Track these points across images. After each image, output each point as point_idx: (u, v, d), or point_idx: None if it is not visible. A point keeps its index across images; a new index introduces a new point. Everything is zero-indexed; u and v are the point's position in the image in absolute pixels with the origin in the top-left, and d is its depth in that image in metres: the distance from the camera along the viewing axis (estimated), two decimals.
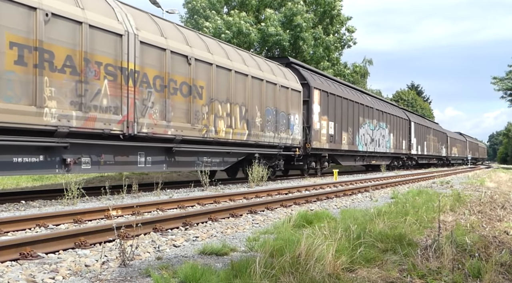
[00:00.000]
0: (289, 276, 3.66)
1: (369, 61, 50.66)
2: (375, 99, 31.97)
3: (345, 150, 24.03)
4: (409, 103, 67.09)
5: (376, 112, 29.74)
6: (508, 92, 56.07)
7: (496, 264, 4.18)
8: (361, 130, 26.73)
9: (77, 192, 9.13)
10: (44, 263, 4.43)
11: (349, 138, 24.65)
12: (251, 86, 15.81)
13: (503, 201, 10.58)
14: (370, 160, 29.15)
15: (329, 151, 22.15)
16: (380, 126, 30.48)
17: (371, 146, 28.36)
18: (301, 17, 31.35)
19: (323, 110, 21.30)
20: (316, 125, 20.64)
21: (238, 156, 15.36)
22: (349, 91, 26.58)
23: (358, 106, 26.47)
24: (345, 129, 24.04)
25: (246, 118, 15.57)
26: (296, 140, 18.90)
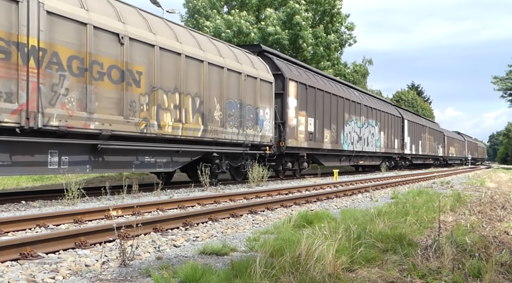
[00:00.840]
0: (289, 276, 3.66)
1: (369, 61, 50.68)
2: (364, 95, 29.69)
3: (327, 149, 22.09)
4: (410, 104, 67.08)
5: (364, 108, 27.48)
6: (508, 92, 56.04)
7: (496, 264, 4.18)
8: (347, 127, 24.62)
9: (77, 192, 9.13)
10: (44, 263, 4.43)
11: (332, 136, 22.59)
12: (207, 74, 13.63)
13: (503, 201, 10.57)
14: (357, 160, 27.08)
15: (308, 151, 20.17)
16: (369, 124, 28.21)
17: (358, 145, 26.18)
18: (300, 16, 31.38)
19: (300, 105, 19.17)
20: (292, 121, 18.58)
21: (192, 156, 13.34)
22: (333, 84, 24.35)
23: (343, 101, 24.15)
24: (327, 126, 22.00)
25: (201, 111, 13.44)
26: (266, 137, 16.88)
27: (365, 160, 28.46)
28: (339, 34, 36.28)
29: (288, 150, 18.31)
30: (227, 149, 14.86)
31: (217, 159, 14.42)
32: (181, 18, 35.65)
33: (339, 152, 23.74)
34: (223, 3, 34.76)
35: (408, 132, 36.67)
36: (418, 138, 39.88)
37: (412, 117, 40.12)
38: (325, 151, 21.98)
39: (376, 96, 34.66)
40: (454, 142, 60.27)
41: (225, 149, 14.75)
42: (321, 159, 22.00)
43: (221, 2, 34.25)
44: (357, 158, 26.86)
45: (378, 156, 30.59)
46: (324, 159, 22.45)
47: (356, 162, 26.98)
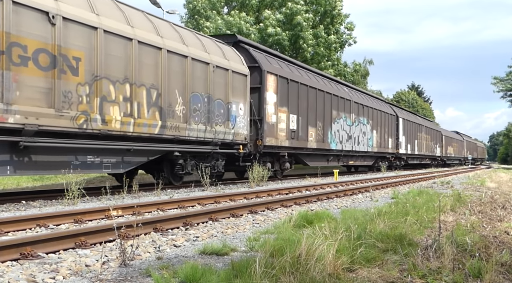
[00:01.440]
0: (289, 276, 3.66)
1: (370, 61, 50.67)
2: (354, 91, 28.07)
3: (312, 149, 20.48)
4: (410, 104, 67.07)
5: (354, 106, 25.84)
6: (508, 92, 56.01)
7: (496, 264, 4.18)
8: (335, 125, 23.02)
9: (77, 192, 9.14)
10: (44, 263, 4.43)
11: (318, 134, 20.98)
12: (166, 63, 12.10)
13: (503, 201, 10.57)
14: (347, 161, 25.46)
15: (290, 150, 18.68)
16: (360, 122, 26.62)
17: (348, 144, 24.62)
18: (302, 17, 31.41)
19: (281, 100, 17.71)
20: (271, 118, 17.08)
21: (148, 155, 11.88)
22: (320, 79, 22.78)
23: (331, 98, 22.50)
24: (312, 123, 20.38)
25: (159, 105, 11.89)
26: (240, 135, 15.39)
27: (355, 160, 26.87)
28: (339, 34, 36.31)
29: (267, 149, 16.89)
30: (192, 147, 13.38)
31: (181, 159, 13.13)
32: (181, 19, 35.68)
33: (326, 152, 22.22)
34: (223, 4, 34.79)
35: (403, 131, 35.07)
36: (414, 138, 38.36)
37: (408, 116, 38.57)
38: (310, 150, 20.40)
39: (368, 93, 32.89)
40: (453, 142, 58.72)
41: (190, 148, 13.25)
42: (305, 159, 20.32)
43: (221, 3, 34.29)
44: (347, 158, 25.32)
45: (370, 156, 29.07)
46: (309, 159, 20.82)
47: (346, 162, 25.50)
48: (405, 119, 35.84)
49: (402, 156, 35.23)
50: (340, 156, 24.06)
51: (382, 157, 31.53)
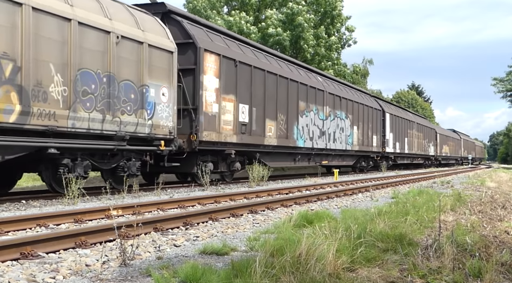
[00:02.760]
0: (289, 275, 3.66)
1: (369, 61, 50.63)
2: (331, 81, 24.68)
3: (272, 146, 17.38)
4: (410, 104, 67.06)
5: (329, 97, 22.51)
6: (508, 92, 56.00)
7: (496, 264, 4.18)
8: (303, 119, 19.78)
9: (77, 191, 9.13)
10: (44, 262, 4.43)
11: (280, 129, 17.87)
12: (31, 25, 8.88)
13: (503, 201, 10.57)
14: (320, 160, 22.20)
15: (241, 147, 15.50)
16: (337, 116, 23.38)
17: (320, 141, 21.44)
18: (303, 17, 31.44)
19: (226, 87, 14.55)
20: (211, 108, 13.88)
21: (3, 153, 8.65)
22: (284, 65, 19.46)
23: (297, 87, 19.25)
24: (271, 116, 17.27)
25: (18, 82, 8.68)
26: (162, 128, 12.10)
27: (331, 160, 23.49)
28: (340, 35, 36.34)
29: (205, 145, 13.73)
30: (81, 143, 10.15)
31: (66, 159, 9.90)
32: None
33: (291, 150, 19.09)
34: (223, 3, 34.80)
35: (390, 128, 31.67)
36: (403, 135, 35.13)
37: (396, 111, 35.29)
38: (269, 148, 17.31)
39: (349, 84, 29.32)
40: (448, 141, 55.32)
41: (77, 144, 10.04)
42: (264, 159, 16.94)
43: (221, 3, 34.29)
44: (320, 157, 22.12)
45: (350, 155, 25.84)
46: (269, 159, 17.53)
47: (318, 161, 22.17)
48: (393, 115, 32.68)
49: (390, 155, 32.05)
50: (311, 155, 20.94)
51: (365, 157, 28.35)
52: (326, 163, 23.02)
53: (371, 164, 29.62)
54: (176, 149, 12.74)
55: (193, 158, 13.71)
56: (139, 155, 11.91)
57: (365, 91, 32.30)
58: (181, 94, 13.23)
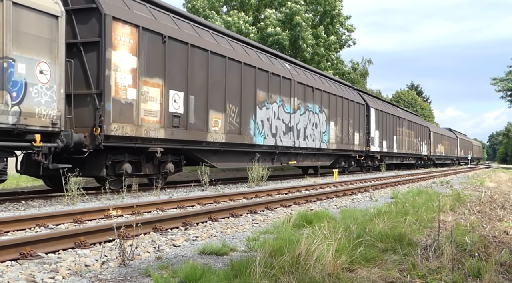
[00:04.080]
0: (289, 275, 3.66)
1: (369, 61, 50.64)
2: (302, 69, 21.34)
3: (220, 143, 14.34)
4: (409, 103, 67.10)
5: (299, 87, 19.36)
6: (509, 92, 56.05)
7: (496, 264, 4.18)
8: (263, 112, 16.70)
9: (77, 192, 9.13)
10: (44, 263, 4.43)
11: (230, 123, 14.89)
12: None
13: (503, 201, 10.58)
14: (286, 160, 18.95)
15: (172, 144, 12.45)
16: (308, 109, 20.20)
17: (286, 138, 18.27)
18: (301, 17, 31.47)
19: (149, 68, 11.54)
20: (125, 94, 10.87)
21: None
22: (236, 45, 16.11)
23: (255, 73, 16.16)
24: (217, 107, 14.23)
25: None
26: (39, 117, 9.08)
27: (302, 160, 20.29)
28: (339, 35, 36.37)
29: (115, 141, 10.68)
30: None
31: None
32: None
33: (247, 148, 15.94)
34: (222, 3, 34.82)
35: (376, 124, 28.58)
36: (392, 133, 31.96)
37: (384, 106, 31.99)
38: (216, 145, 14.23)
39: (327, 74, 25.80)
40: (443, 139, 51.82)
41: None
42: (208, 158, 14.05)
43: (220, 3, 34.31)
44: (287, 156, 18.96)
45: (326, 154, 22.62)
46: (216, 158, 14.59)
47: (285, 162, 18.86)
48: (379, 110, 29.51)
49: (375, 155, 29.03)
50: (274, 154, 17.78)
51: (345, 156, 25.28)
52: (295, 163, 19.55)
53: (353, 164, 26.60)
54: (63, 145, 9.59)
55: (101, 158, 10.85)
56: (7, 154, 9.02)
57: (347, 83, 28.63)
58: (82, 75, 10.44)
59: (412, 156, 38.77)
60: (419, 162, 42.09)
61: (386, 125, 30.66)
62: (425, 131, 43.07)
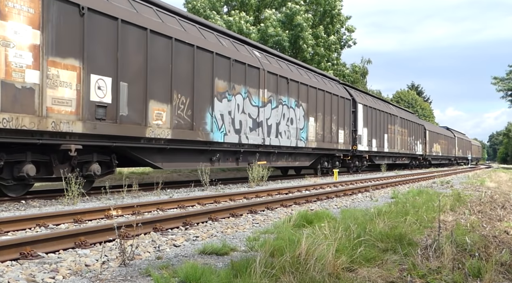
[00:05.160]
0: (289, 275, 3.66)
1: (368, 61, 50.67)
2: (275, 58, 19.00)
3: (166, 140, 12.10)
4: (409, 104, 67.11)
5: (270, 78, 17.16)
6: (509, 92, 56.05)
7: (496, 264, 4.18)
8: (222, 104, 14.47)
9: (77, 192, 9.13)
10: (44, 262, 4.43)
11: (179, 116, 12.58)
12: None
13: (503, 201, 10.58)
14: (255, 160, 16.32)
15: (96, 140, 10.26)
16: (282, 103, 18.05)
17: (254, 135, 16.06)
18: (301, 17, 31.49)
19: (60, 46, 9.43)
20: (22, 76, 8.75)
21: None
22: (189, 26, 13.60)
23: (213, 59, 13.94)
24: (161, 97, 11.90)
25: None
26: None
27: (275, 160, 17.97)
28: (339, 35, 36.39)
29: (7, 136, 8.66)
30: None
31: None
32: None
33: (203, 146, 13.68)
34: (223, 3, 34.85)
35: (364, 122, 26.69)
36: (382, 131, 29.98)
37: (373, 102, 29.72)
38: (160, 142, 11.97)
39: (306, 66, 23.20)
40: (440, 139, 49.62)
41: None
42: (151, 158, 12.01)
43: (221, 3, 34.33)
44: (256, 155, 16.47)
45: (304, 153, 20.35)
46: (161, 158, 12.39)
47: (252, 162, 16.21)
48: (367, 106, 27.50)
49: (363, 154, 27.08)
50: (238, 153, 15.57)
51: (328, 156, 23.17)
52: (265, 163, 16.79)
53: (338, 164, 24.47)
54: None
55: None
56: None
57: (331, 76, 26.40)
58: None
59: (406, 156, 36.94)
60: (413, 162, 40.40)
61: (375, 123, 28.83)
62: (420, 129, 41.30)
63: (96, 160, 10.77)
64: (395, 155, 33.55)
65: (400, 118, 34.84)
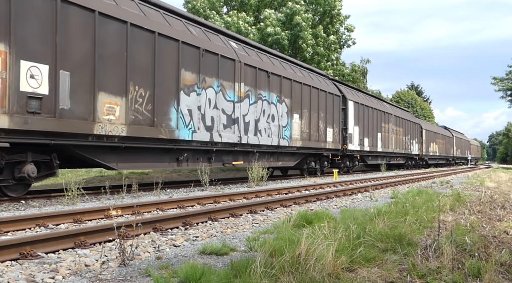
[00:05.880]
0: (289, 275, 3.66)
1: (367, 60, 50.65)
2: (255, 50, 17.51)
3: (120, 138, 10.64)
4: (409, 103, 67.14)
5: (247, 71, 15.81)
6: (508, 92, 56.08)
7: (496, 264, 4.18)
8: (190, 98, 12.98)
9: (77, 191, 9.13)
10: (44, 262, 4.43)
11: (137, 111, 11.13)
12: None
13: (503, 201, 10.58)
14: (230, 159, 15.28)
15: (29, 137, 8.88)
16: (262, 98, 16.68)
17: (228, 133, 14.67)
18: (301, 17, 31.51)
19: None
20: None
21: None
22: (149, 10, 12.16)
23: (179, 48, 12.46)
24: (112, 89, 10.45)
25: None
26: None
27: (254, 159, 16.31)
28: (339, 35, 36.42)
29: None
30: None
31: None
32: None
33: (166, 144, 12.23)
34: (223, 3, 34.86)
35: (355, 119, 25.42)
36: (375, 129, 28.67)
37: (365, 99, 28.21)
38: (113, 140, 10.53)
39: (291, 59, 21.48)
40: (437, 138, 48.00)
41: None
42: (102, 157, 10.64)
43: (221, 3, 34.34)
44: (232, 155, 15.32)
45: (288, 152, 18.84)
46: (117, 157, 10.97)
47: (228, 162, 15.22)
48: (359, 103, 26.07)
49: (354, 154, 25.74)
50: (211, 153, 14.05)
51: (315, 155, 21.77)
52: (242, 163, 15.83)
53: (326, 165, 23.03)
54: None
55: None
56: None
57: (319, 71, 24.58)
58: None
59: (401, 156, 35.32)
60: (409, 162, 38.91)
61: (368, 121, 27.47)
62: (416, 128, 39.63)
63: (31, 160, 9.39)
64: (389, 155, 32.15)
65: (395, 117, 33.46)
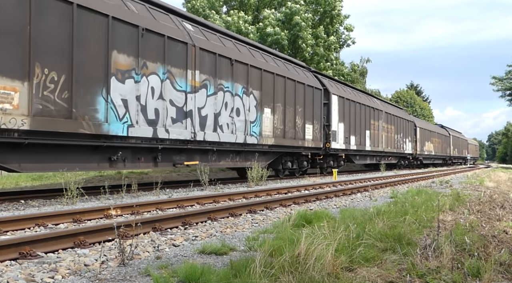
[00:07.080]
0: (288, 275, 3.66)
1: (367, 60, 50.68)
2: (217, 35, 15.23)
3: (23, 132, 8.63)
4: (409, 103, 67.17)
5: (206, 57, 13.68)
6: (508, 92, 56.09)
7: (495, 264, 4.18)
8: (126, 86, 10.88)
9: (76, 191, 9.13)
10: (43, 262, 4.43)
11: (47, 98, 9.04)
12: None
13: (502, 200, 10.59)
14: (182, 159, 13.22)
15: None
16: (224, 89, 14.50)
17: (179, 128, 12.50)
18: (300, 17, 31.53)
19: None
20: None
21: None
22: None
23: (109, 25, 10.40)
24: (7, 71, 8.30)
25: None
26: None
27: (214, 159, 14.37)
28: (338, 35, 36.43)
29: None
30: None
31: None
32: None
33: (93, 141, 10.17)
34: (222, 3, 34.86)
35: (340, 116, 23.21)
36: (363, 127, 26.59)
37: (352, 94, 25.95)
38: (11, 135, 8.53)
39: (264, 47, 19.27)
40: (433, 137, 45.62)
41: None
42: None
43: (220, 2, 34.34)
44: (185, 154, 13.28)
45: (259, 151, 16.55)
46: (20, 157, 8.98)
47: (179, 162, 13.09)
48: (344, 98, 23.85)
49: (339, 153, 23.57)
50: (156, 151, 12.09)
51: (292, 154, 19.44)
52: (197, 164, 13.63)
53: (306, 165, 20.78)
54: None
55: None
56: None
57: (298, 62, 22.38)
58: None
59: (393, 155, 32.99)
60: (402, 162, 36.52)
61: (355, 117, 25.34)
62: (409, 126, 37.10)
63: None
64: (379, 154, 29.83)
65: (386, 113, 31.09)
